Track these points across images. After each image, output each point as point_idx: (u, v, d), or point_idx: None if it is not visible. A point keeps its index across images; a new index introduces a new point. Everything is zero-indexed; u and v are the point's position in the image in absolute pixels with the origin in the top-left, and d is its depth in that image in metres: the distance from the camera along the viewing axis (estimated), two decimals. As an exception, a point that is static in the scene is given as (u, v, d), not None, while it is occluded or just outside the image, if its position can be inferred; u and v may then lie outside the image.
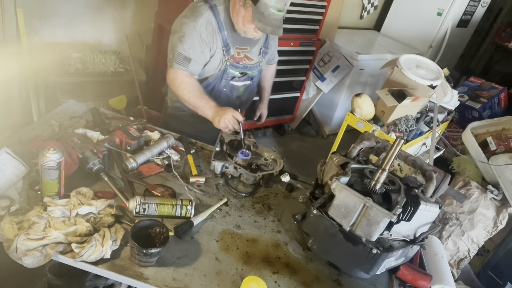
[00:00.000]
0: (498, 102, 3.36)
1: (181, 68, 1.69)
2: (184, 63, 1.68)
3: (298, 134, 4.15)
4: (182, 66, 1.69)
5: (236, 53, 1.79)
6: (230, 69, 1.81)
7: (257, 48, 1.87)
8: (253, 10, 1.59)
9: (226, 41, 1.73)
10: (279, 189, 1.67)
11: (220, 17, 1.69)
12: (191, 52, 1.67)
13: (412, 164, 1.38)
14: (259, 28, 1.62)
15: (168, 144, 1.65)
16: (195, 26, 1.65)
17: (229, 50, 1.76)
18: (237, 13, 1.65)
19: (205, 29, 1.67)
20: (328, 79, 3.70)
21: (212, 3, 1.69)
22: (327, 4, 3.33)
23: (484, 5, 4.43)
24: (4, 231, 1.09)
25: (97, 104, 2.50)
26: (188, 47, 1.67)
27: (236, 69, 1.83)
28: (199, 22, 1.65)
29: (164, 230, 1.18)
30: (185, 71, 1.70)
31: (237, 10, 1.65)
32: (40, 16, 2.70)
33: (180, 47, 1.67)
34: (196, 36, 1.66)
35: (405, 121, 2.44)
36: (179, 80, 1.71)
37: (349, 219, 1.18)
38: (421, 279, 1.33)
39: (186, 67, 1.69)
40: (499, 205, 2.46)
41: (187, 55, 1.67)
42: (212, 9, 1.68)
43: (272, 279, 1.25)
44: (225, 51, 1.74)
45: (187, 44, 1.66)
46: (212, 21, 1.68)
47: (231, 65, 1.80)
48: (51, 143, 1.24)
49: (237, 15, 1.66)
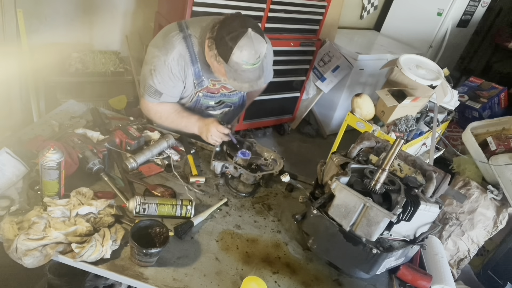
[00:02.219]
0: (498, 102, 3.35)
1: (153, 101, 1.63)
2: (155, 96, 1.61)
3: (298, 134, 4.15)
4: (153, 98, 1.62)
5: (212, 84, 1.69)
6: (203, 100, 1.72)
7: None
8: (225, 68, 1.46)
9: (198, 74, 1.62)
10: (279, 189, 1.67)
11: (194, 49, 1.57)
12: (162, 86, 1.59)
13: (412, 164, 1.38)
14: (235, 87, 1.53)
15: (168, 144, 1.65)
16: (166, 61, 1.54)
17: (201, 82, 1.65)
18: (211, 64, 1.54)
19: (177, 64, 1.56)
20: (328, 79, 3.70)
21: (187, 33, 1.56)
22: (327, 4, 3.33)
23: (484, 5, 4.43)
24: (4, 231, 1.09)
25: (97, 104, 2.49)
26: (158, 82, 1.58)
27: (211, 99, 1.74)
28: (170, 57, 1.54)
29: (164, 230, 1.18)
30: (157, 103, 1.64)
31: (211, 62, 1.53)
32: (40, 16, 2.70)
33: (151, 80, 1.58)
34: (166, 72, 1.56)
35: (405, 121, 2.44)
36: (153, 111, 1.67)
37: (349, 219, 1.18)
38: (421, 279, 1.33)
39: (158, 99, 1.62)
40: (499, 205, 2.46)
41: (158, 89, 1.59)
42: (185, 39, 1.55)
43: (272, 279, 1.25)
44: (196, 83, 1.64)
45: (157, 79, 1.57)
46: (185, 54, 1.56)
47: (205, 95, 1.71)
48: (51, 143, 1.24)
49: (212, 66, 1.55)
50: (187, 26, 1.58)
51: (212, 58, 1.50)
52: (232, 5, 2.78)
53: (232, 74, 1.47)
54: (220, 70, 1.51)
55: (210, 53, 1.49)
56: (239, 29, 1.42)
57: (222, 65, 1.47)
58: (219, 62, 1.47)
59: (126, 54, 3.06)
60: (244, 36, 1.40)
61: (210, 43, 1.47)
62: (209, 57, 1.53)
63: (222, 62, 1.46)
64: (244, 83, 1.49)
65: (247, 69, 1.46)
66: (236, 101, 1.85)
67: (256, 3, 2.90)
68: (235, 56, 1.42)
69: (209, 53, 1.50)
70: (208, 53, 1.52)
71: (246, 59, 1.43)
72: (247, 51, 1.42)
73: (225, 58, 1.44)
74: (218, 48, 1.44)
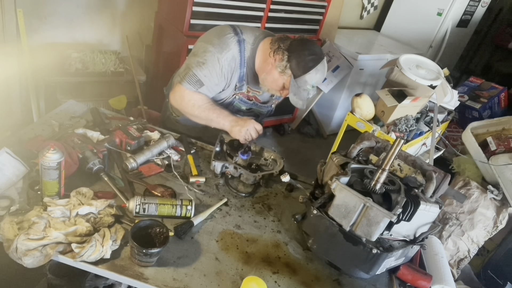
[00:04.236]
0: (498, 102, 3.36)
1: (190, 88, 1.60)
2: (195, 85, 1.59)
3: (298, 134, 4.15)
4: (193, 87, 1.60)
5: (247, 91, 1.74)
6: (237, 103, 1.77)
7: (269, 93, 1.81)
8: (291, 82, 1.54)
9: (242, 78, 1.67)
10: (279, 189, 1.67)
11: (245, 54, 1.61)
12: (206, 80, 1.59)
13: (412, 164, 1.38)
14: (292, 101, 1.60)
15: (168, 144, 1.65)
16: (220, 59, 1.57)
17: (242, 86, 1.70)
18: (268, 72, 1.59)
19: (228, 64, 1.59)
20: (328, 79, 3.70)
21: (241, 37, 1.60)
22: (327, 4, 3.33)
23: (484, 5, 4.43)
24: (4, 231, 1.09)
25: (97, 104, 2.49)
26: (204, 75, 1.58)
27: (245, 104, 1.79)
28: (225, 56, 1.57)
29: (164, 230, 1.18)
30: (193, 91, 1.61)
31: (268, 70, 1.59)
32: (40, 16, 2.70)
33: (197, 70, 1.58)
34: (217, 68, 1.58)
35: (405, 121, 2.44)
36: (188, 98, 1.62)
37: (349, 219, 1.18)
38: (421, 279, 1.33)
39: (196, 89, 1.60)
40: (499, 205, 2.46)
41: (201, 80, 1.58)
42: (239, 44, 1.59)
43: (272, 279, 1.25)
44: (237, 87, 1.69)
45: (205, 72, 1.58)
46: (237, 57, 1.60)
47: (240, 99, 1.76)
48: (51, 143, 1.24)
49: (268, 74, 1.60)
50: (241, 31, 1.63)
51: (274, 67, 1.56)
52: (232, 5, 2.78)
53: (294, 89, 1.57)
54: (277, 81, 1.59)
55: (275, 63, 1.56)
56: (320, 54, 1.56)
57: (286, 77, 1.56)
58: (285, 74, 1.55)
59: (126, 54, 3.06)
60: (322, 62, 1.56)
61: (281, 54, 1.54)
62: (266, 69, 1.59)
63: (289, 75, 1.55)
64: (300, 100, 1.60)
65: (308, 89, 1.59)
66: (263, 113, 1.91)
67: (256, 3, 2.90)
68: (309, 76, 1.54)
69: (271, 62, 1.57)
70: (267, 59, 1.59)
71: (315, 82, 1.57)
72: (319, 75, 1.57)
73: (296, 73, 1.54)
74: (293, 62, 1.53)
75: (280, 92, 1.65)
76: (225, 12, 2.78)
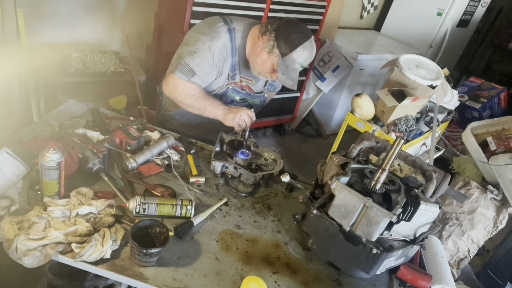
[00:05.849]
0: (498, 102, 3.36)
1: (183, 78, 1.61)
2: (187, 74, 1.61)
3: (298, 134, 4.14)
4: (185, 76, 1.61)
5: (239, 80, 1.75)
6: (231, 93, 1.77)
7: (263, 81, 1.82)
8: (279, 61, 1.55)
9: (234, 67, 1.68)
10: (279, 189, 1.67)
11: (236, 42, 1.63)
12: (198, 68, 1.60)
13: (412, 164, 1.38)
14: (281, 81, 1.60)
15: (168, 144, 1.65)
16: (211, 47, 1.58)
17: (235, 75, 1.71)
18: (257, 55, 1.60)
19: (219, 52, 1.61)
20: (328, 79, 3.70)
21: (231, 26, 1.62)
22: (327, 4, 3.33)
23: (484, 5, 4.43)
24: (4, 231, 1.09)
25: (97, 104, 2.49)
26: (196, 64, 1.60)
27: (238, 94, 1.79)
28: (216, 44, 1.59)
29: (164, 230, 1.18)
30: (186, 80, 1.63)
31: (257, 53, 1.60)
32: (40, 16, 2.70)
33: (189, 59, 1.59)
34: (208, 57, 1.59)
35: (405, 121, 2.44)
36: (181, 87, 1.63)
37: (349, 219, 1.18)
38: (421, 279, 1.33)
39: (188, 78, 1.61)
40: (499, 205, 2.46)
41: (193, 69, 1.60)
42: (230, 32, 1.62)
43: (272, 279, 1.25)
44: (230, 76, 1.70)
45: (197, 61, 1.59)
46: (228, 45, 1.62)
47: (233, 89, 1.76)
48: (51, 143, 1.24)
49: (257, 57, 1.61)
50: (231, 21, 1.65)
51: (263, 49, 1.57)
52: (232, 5, 2.78)
53: (282, 68, 1.57)
54: (266, 62, 1.59)
55: (263, 45, 1.56)
56: (307, 33, 1.54)
57: (274, 57, 1.55)
58: (273, 53, 1.55)
59: (126, 54, 3.06)
60: (309, 40, 1.53)
61: (269, 35, 1.55)
62: (255, 51, 1.60)
63: (277, 54, 1.54)
64: (289, 80, 1.59)
65: (296, 69, 1.57)
66: (257, 103, 1.90)
67: (256, 3, 2.90)
68: (296, 54, 1.53)
69: (259, 45, 1.57)
70: (256, 43, 1.60)
71: (303, 60, 1.55)
72: (307, 53, 1.55)
73: (284, 52, 1.53)
74: (280, 40, 1.53)
75: (271, 74, 1.66)
76: (225, 12, 2.77)
